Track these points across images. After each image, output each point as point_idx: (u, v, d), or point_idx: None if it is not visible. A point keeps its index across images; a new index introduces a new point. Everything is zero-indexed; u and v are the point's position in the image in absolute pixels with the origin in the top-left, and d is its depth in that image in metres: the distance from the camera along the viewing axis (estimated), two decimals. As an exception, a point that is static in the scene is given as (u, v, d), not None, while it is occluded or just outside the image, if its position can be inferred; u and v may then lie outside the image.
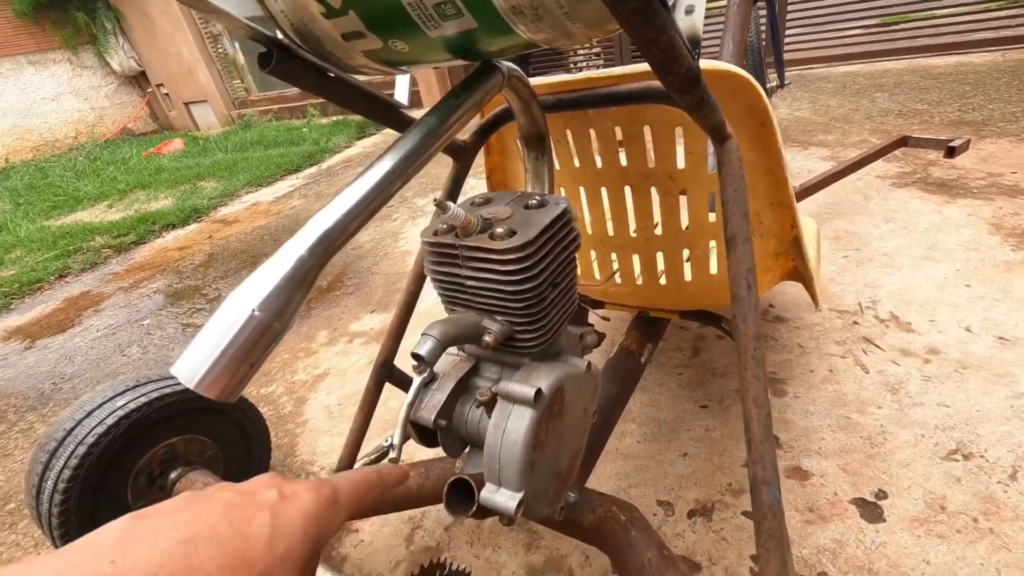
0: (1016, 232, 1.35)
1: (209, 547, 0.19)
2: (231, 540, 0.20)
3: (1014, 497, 0.75)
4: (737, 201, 0.50)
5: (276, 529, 0.22)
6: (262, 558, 0.20)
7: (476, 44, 0.44)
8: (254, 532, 0.21)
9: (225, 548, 0.20)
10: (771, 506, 0.45)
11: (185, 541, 0.19)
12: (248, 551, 0.20)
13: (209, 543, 0.20)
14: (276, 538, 0.22)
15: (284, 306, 0.37)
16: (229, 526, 0.21)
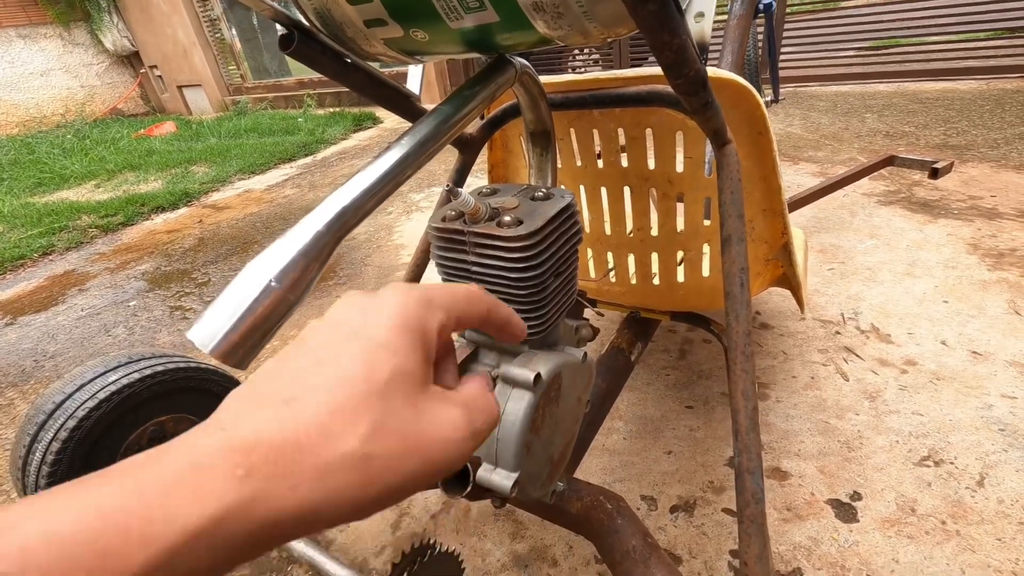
0: (992, 253, 1.40)
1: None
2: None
3: (980, 502, 0.78)
4: (734, 203, 0.53)
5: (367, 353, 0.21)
6: (370, 402, 0.20)
7: (493, 38, 0.46)
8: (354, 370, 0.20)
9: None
10: (754, 494, 0.47)
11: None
12: (355, 396, 0.20)
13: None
14: (378, 369, 0.20)
15: (299, 278, 0.38)
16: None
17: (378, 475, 0.19)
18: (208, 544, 0.15)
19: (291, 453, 0.17)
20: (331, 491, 0.18)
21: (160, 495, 0.15)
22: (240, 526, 0.16)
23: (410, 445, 0.20)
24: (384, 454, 0.19)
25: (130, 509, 0.15)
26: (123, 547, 0.14)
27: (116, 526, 0.14)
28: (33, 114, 6.60)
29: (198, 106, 6.88)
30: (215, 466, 0.16)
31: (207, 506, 0.16)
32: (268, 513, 0.16)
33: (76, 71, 6.91)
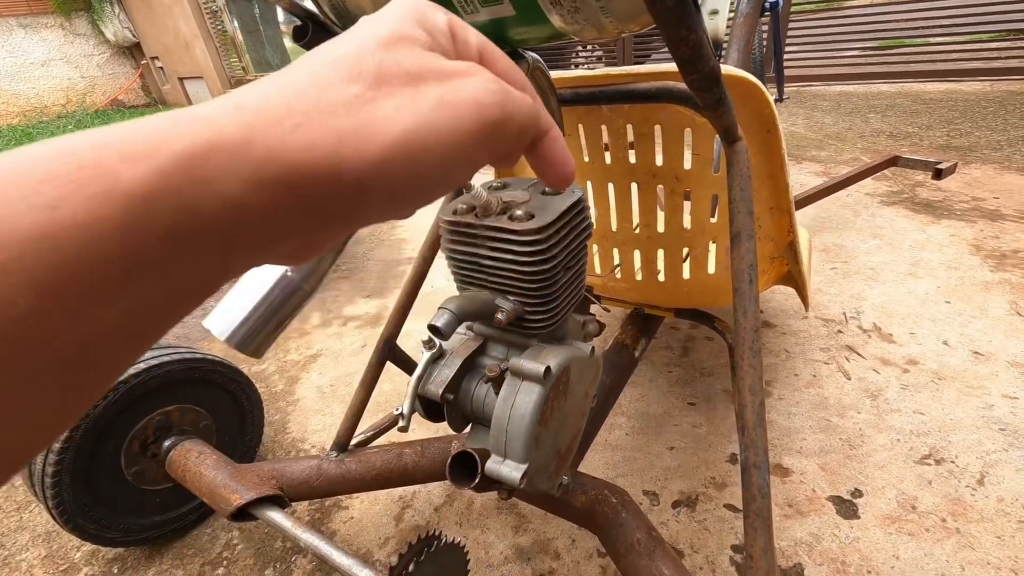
0: (995, 254, 1.41)
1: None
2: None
3: (981, 500, 0.79)
4: (743, 200, 0.53)
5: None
6: (366, 52, 0.17)
7: (507, 31, 0.46)
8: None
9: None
10: (760, 488, 0.48)
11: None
12: (348, 54, 0.17)
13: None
14: (373, 33, 0.18)
15: (314, 269, 0.38)
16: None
17: (391, 118, 0.16)
18: (204, 174, 0.13)
19: (288, 97, 0.16)
20: (343, 134, 0.15)
21: (140, 128, 0.14)
22: (239, 162, 0.14)
23: (426, 89, 0.17)
24: (395, 98, 0.16)
25: (109, 135, 0.13)
26: (105, 162, 0.12)
27: (96, 144, 0.13)
28: (34, 104, 6.58)
29: (199, 98, 6.86)
30: (204, 107, 0.15)
31: (195, 132, 0.14)
32: (269, 151, 0.14)
33: (77, 62, 6.88)
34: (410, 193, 0.17)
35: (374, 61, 0.17)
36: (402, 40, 0.18)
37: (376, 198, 0.16)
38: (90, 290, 0.12)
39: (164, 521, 0.88)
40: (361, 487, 0.78)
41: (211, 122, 0.14)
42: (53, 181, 0.12)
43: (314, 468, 0.77)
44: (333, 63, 0.17)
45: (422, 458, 0.76)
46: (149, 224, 0.13)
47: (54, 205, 0.11)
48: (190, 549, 0.89)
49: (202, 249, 0.14)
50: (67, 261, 0.12)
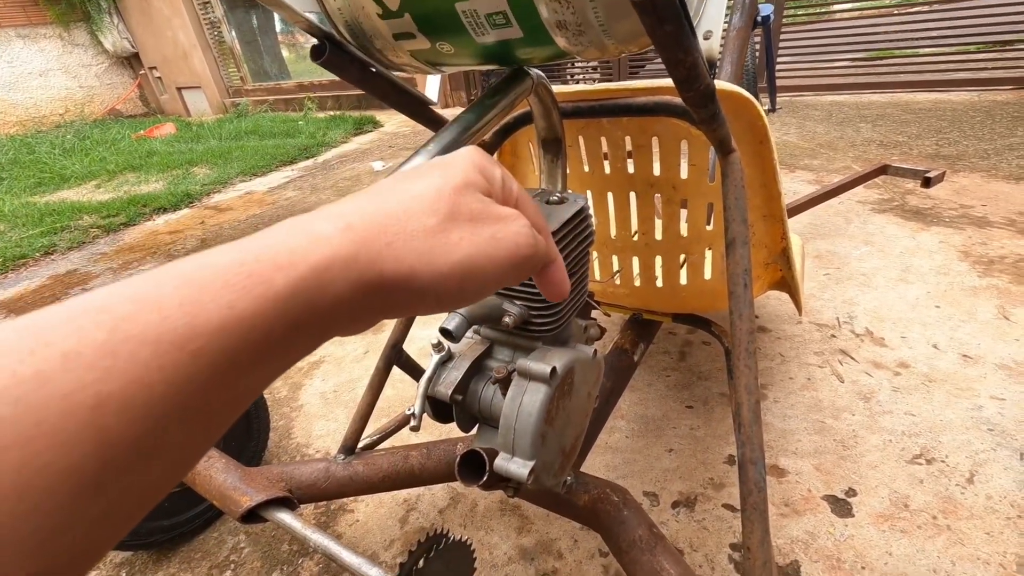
0: (983, 260, 1.44)
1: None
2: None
3: (970, 498, 0.82)
4: (738, 208, 0.56)
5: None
6: (442, 195, 0.23)
7: (513, 51, 0.49)
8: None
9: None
10: (756, 483, 0.50)
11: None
12: (429, 192, 0.23)
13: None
14: (447, 176, 0.24)
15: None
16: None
17: (456, 245, 0.22)
18: (327, 279, 0.18)
19: (383, 220, 0.21)
20: (421, 253, 0.21)
21: (282, 242, 0.18)
22: (350, 270, 0.19)
23: (482, 227, 0.23)
24: (460, 230, 0.22)
25: (262, 247, 0.18)
26: (264, 271, 0.17)
27: (256, 256, 0.17)
28: (32, 114, 6.60)
29: (197, 108, 6.90)
30: (321, 224, 0.20)
31: (322, 248, 0.19)
32: (370, 263, 0.19)
33: (75, 72, 6.92)
34: (454, 301, 0.23)
35: (448, 202, 0.23)
36: (468, 186, 0.24)
37: (431, 300, 0.22)
38: (245, 366, 0.17)
39: (171, 525, 0.90)
40: (368, 489, 0.80)
41: (330, 241, 0.19)
42: (230, 287, 0.16)
43: (322, 470, 0.79)
44: (418, 197, 0.23)
45: (428, 460, 0.78)
46: (286, 317, 0.17)
47: (231, 305, 0.16)
48: (197, 553, 0.91)
49: (311, 334, 0.19)
50: (236, 345, 0.16)
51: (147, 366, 0.14)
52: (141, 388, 0.14)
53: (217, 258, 0.17)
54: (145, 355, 0.14)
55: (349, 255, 0.19)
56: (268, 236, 0.19)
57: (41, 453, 0.12)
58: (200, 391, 0.15)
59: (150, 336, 0.14)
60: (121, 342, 0.14)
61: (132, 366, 0.14)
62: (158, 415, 0.14)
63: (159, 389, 0.14)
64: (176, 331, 0.15)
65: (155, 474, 0.15)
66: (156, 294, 0.15)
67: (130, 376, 0.14)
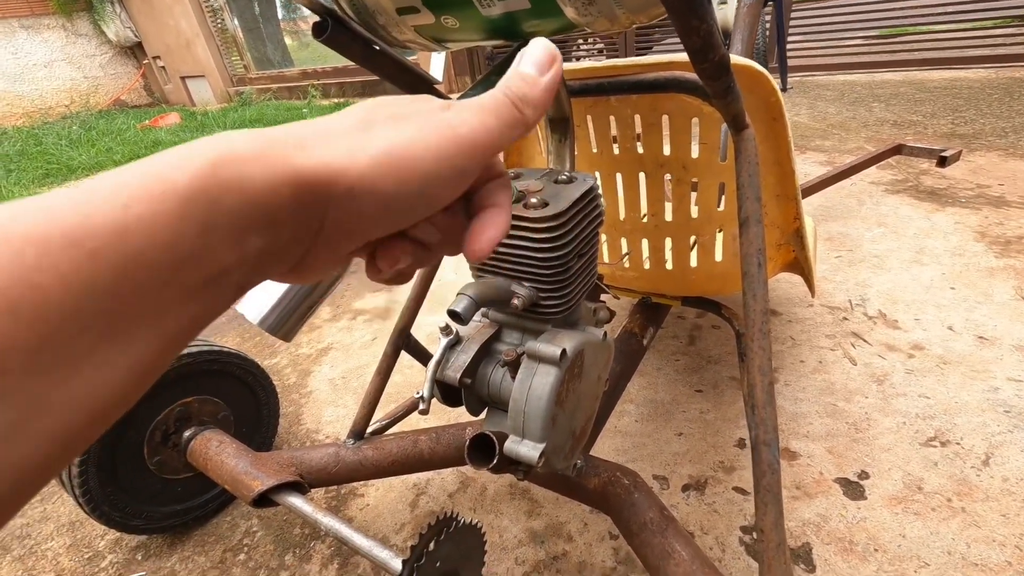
0: (999, 240, 1.41)
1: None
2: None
3: (986, 481, 0.81)
4: (752, 186, 0.54)
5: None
6: (366, 104, 0.22)
7: (520, 24, 0.47)
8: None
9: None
10: (770, 464, 0.50)
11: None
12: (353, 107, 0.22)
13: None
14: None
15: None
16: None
17: (376, 136, 0.20)
18: (230, 173, 0.17)
19: (294, 130, 0.19)
20: (338, 149, 0.19)
21: (182, 148, 0.17)
22: (255, 164, 0.17)
23: (409, 118, 0.21)
24: (382, 126, 0.20)
25: (162, 156, 0.17)
26: (160, 171, 0.16)
27: (153, 162, 0.16)
28: (38, 105, 6.61)
29: (201, 97, 6.88)
30: (229, 133, 0.18)
31: (223, 146, 0.17)
32: (281, 158, 0.18)
33: (79, 62, 6.90)
34: (399, 201, 0.20)
35: (366, 108, 0.21)
36: (398, 99, 0.23)
37: (368, 204, 0.19)
38: (157, 273, 0.15)
39: (185, 510, 0.91)
40: (378, 473, 0.80)
41: (231, 141, 0.18)
42: (123, 188, 0.15)
43: (332, 455, 0.79)
44: (338, 115, 0.21)
45: (437, 444, 0.78)
46: (193, 218, 0.16)
47: (127, 204, 0.15)
48: (211, 536, 0.92)
49: (224, 242, 0.17)
50: (140, 247, 0.15)
51: (36, 266, 0.13)
52: (30, 289, 0.13)
53: (111, 171, 0.16)
54: (31, 254, 0.13)
55: (253, 151, 0.17)
56: (171, 149, 0.17)
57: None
58: (110, 297, 0.14)
59: (36, 235, 0.13)
60: (1, 240, 0.13)
61: (17, 264, 0.13)
62: (59, 321, 0.13)
63: (56, 293, 0.13)
64: (65, 229, 0.14)
65: (78, 390, 0.14)
66: (44, 200, 0.14)
67: (15, 275, 0.13)
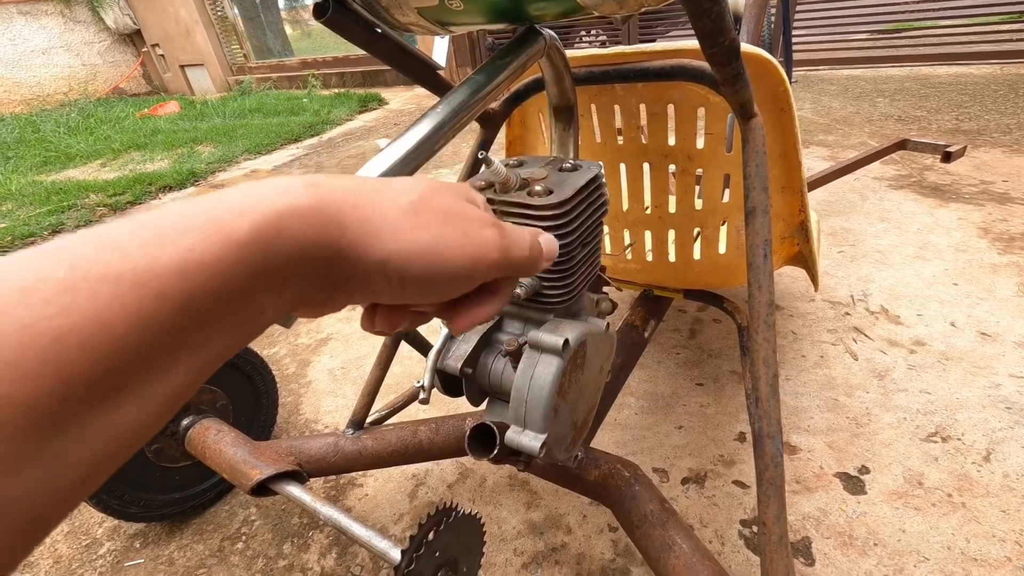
0: (1003, 237, 1.41)
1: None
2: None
3: (986, 476, 0.80)
4: (759, 176, 0.53)
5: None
6: (422, 183, 0.24)
7: (525, 7, 0.47)
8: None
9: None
10: (773, 457, 0.49)
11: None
12: (408, 181, 0.25)
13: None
14: (430, 179, 0.26)
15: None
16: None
17: (425, 227, 0.22)
18: (286, 225, 0.18)
19: (353, 188, 0.21)
20: (388, 224, 0.21)
21: (244, 192, 0.18)
22: (310, 219, 0.19)
23: (454, 222, 0.23)
24: (432, 216, 0.23)
25: (224, 197, 0.18)
26: (225, 217, 0.17)
27: (216, 204, 0.18)
28: (36, 92, 6.56)
29: (201, 86, 6.83)
30: (286, 179, 0.20)
31: (284, 197, 0.19)
32: (333, 217, 0.19)
33: (78, 49, 6.85)
34: (415, 286, 0.22)
35: (424, 191, 0.24)
36: (448, 189, 0.25)
37: (394, 282, 0.21)
38: (211, 312, 0.17)
39: (183, 498, 0.90)
40: (377, 463, 0.80)
41: (292, 192, 0.19)
42: (189, 232, 0.16)
43: (331, 445, 0.79)
44: (394, 183, 0.24)
45: (437, 435, 0.77)
46: (247, 264, 0.17)
47: (191, 248, 0.16)
48: (209, 525, 0.92)
49: (271, 288, 0.18)
50: (198, 288, 0.16)
51: (108, 304, 0.14)
52: (101, 326, 0.14)
53: (179, 207, 0.17)
54: (105, 292, 0.14)
55: (311, 206, 0.19)
56: (232, 189, 0.19)
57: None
58: (165, 334, 0.15)
59: (110, 274, 0.14)
60: (80, 279, 0.14)
61: (92, 303, 0.14)
62: (121, 354, 0.14)
63: (121, 328, 0.14)
64: (136, 271, 0.15)
65: (121, 418, 0.15)
66: (116, 236, 0.15)
67: (90, 312, 0.14)
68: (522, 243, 0.26)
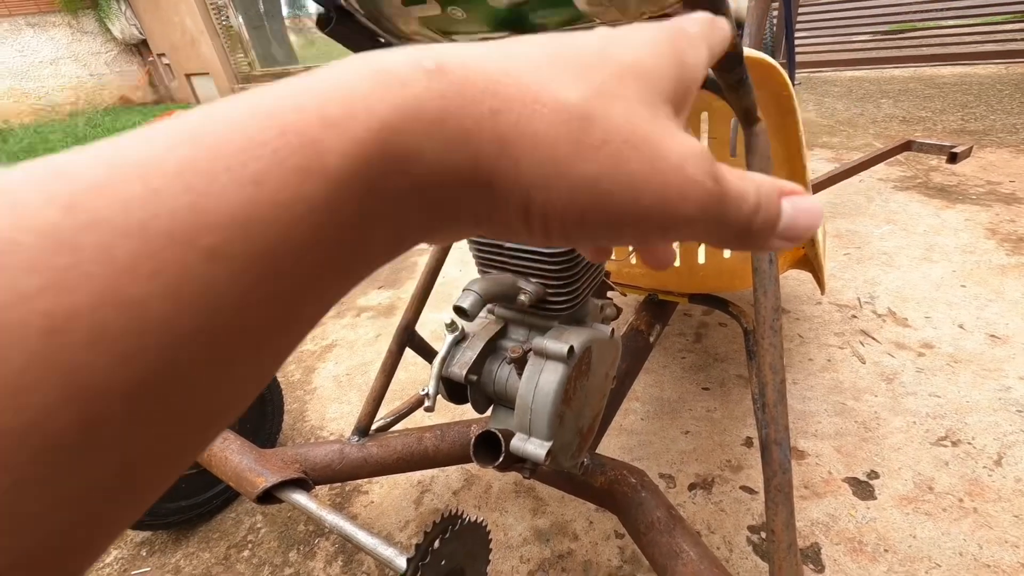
0: (1011, 238, 1.40)
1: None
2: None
3: (998, 480, 0.79)
4: (763, 180, 0.53)
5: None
6: (599, 64, 0.14)
7: (527, 16, 0.47)
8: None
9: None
10: (781, 464, 0.49)
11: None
12: (580, 56, 0.15)
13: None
14: (614, 50, 0.15)
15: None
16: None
17: (598, 149, 0.13)
18: (400, 149, 0.12)
19: (497, 74, 0.13)
20: (539, 138, 0.13)
21: (335, 84, 0.12)
22: (432, 138, 0.12)
23: (642, 143, 0.14)
24: (604, 131, 0.13)
25: (304, 91, 0.11)
26: (307, 127, 0.11)
27: (294, 104, 0.11)
28: (44, 103, 6.64)
29: (207, 94, 6.89)
30: (398, 60, 0.13)
31: (395, 96, 0.12)
32: (462, 133, 0.12)
33: (85, 60, 6.92)
34: (571, 234, 0.14)
35: (609, 74, 0.14)
36: (650, 74, 0.15)
37: (535, 217, 0.14)
38: (285, 276, 0.11)
39: (190, 506, 0.91)
40: (382, 470, 0.79)
41: (406, 86, 0.12)
42: (254, 151, 0.10)
43: (336, 452, 0.79)
44: (562, 52, 0.14)
45: (442, 442, 0.77)
46: (344, 207, 0.11)
47: (258, 180, 0.10)
48: (215, 533, 0.92)
49: (375, 235, 0.12)
50: (271, 248, 0.10)
51: (132, 271, 0.09)
52: (125, 306, 0.09)
53: (236, 107, 0.11)
54: (126, 251, 0.09)
55: (436, 114, 0.12)
56: (315, 75, 0.12)
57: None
58: (229, 316, 0.10)
59: (133, 222, 0.09)
60: (85, 227, 0.09)
61: (106, 269, 0.09)
62: (164, 348, 0.09)
63: (158, 309, 0.09)
64: (175, 215, 0.09)
65: (164, 447, 0.10)
66: (142, 155, 0.10)
67: (103, 284, 0.08)
68: (745, 201, 0.15)
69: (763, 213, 0.16)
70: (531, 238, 0.15)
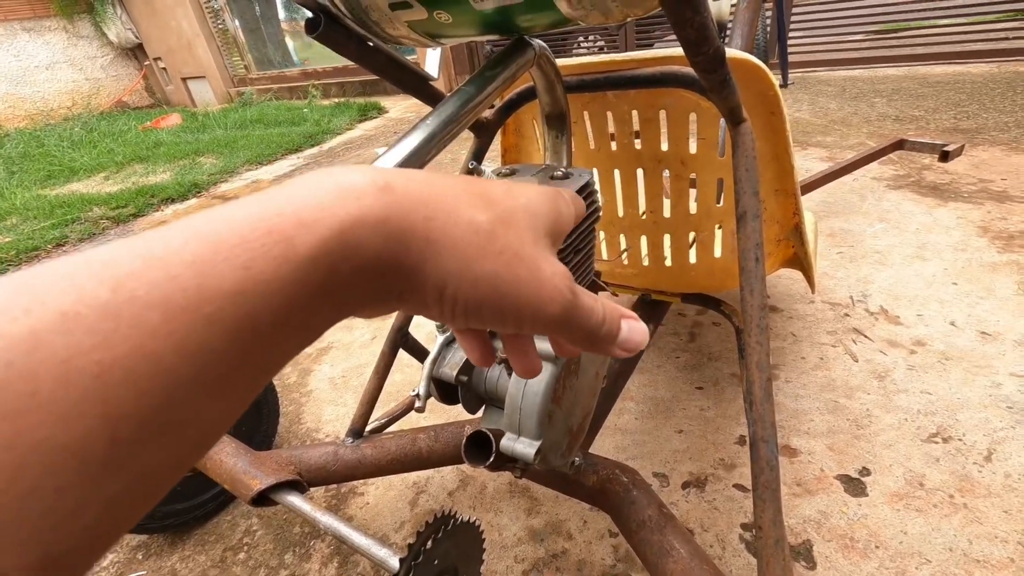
0: (1002, 235, 1.41)
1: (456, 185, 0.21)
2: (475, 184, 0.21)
3: (988, 477, 0.80)
4: (749, 180, 0.54)
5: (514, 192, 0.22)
6: (502, 200, 0.21)
7: (514, 19, 0.47)
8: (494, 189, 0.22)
9: (472, 186, 0.21)
10: (768, 461, 0.49)
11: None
12: (489, 193, 0.21)
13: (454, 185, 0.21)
14: (514, 193, 0.22)
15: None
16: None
17: (497, 256, 0.19)
18: (352, 242, 0.16)
19: (428, 194, 0.18)
20: (459, 244, 0.18)
21: (307, 195, 0.16)
22: (376, 234, 0.17)
23: (527, 258, 0.20)
24: (502, 244, 0.19)
25: (284, 201, 0.16)
26: (285, 228, 0.15)
27: (277, 210, 0.15)
28: (40, 107, 6.63)
29: (203, 98, 6.89)
30: (354, 176, 0.17)
31: (351, 205, 0.16)
32: (401, 231, 0.17)
33: (81, 64, 6.92)
34: (466, 315, 0.19)
35: (507, 209, 0.20)
36: (534, 212, 0.21)
37: (447, 302, 0.19)
38: (267, 336, 0.15)
39: (185, 509, 0.91)
40: (377, 472, 0.80)
41: (362, 199, 0.17)
42: (245, 245, 0.14)
43: (331, 454, 0.79)
44: (473, 192, 0.20)
45: (436, 443, 0.78)
46: (308, 282, 0.15)
47: (247, 266, 0.14)
48: (211, 536, 0.92)
49: (331, 305, 0.17)
50: (254, 311, 0.14)
51: (154, 333, 0.13)
52: (148, 357, 0.12)
53: (234, 212, 0.15)
54: (152, 319, 0.13)
55: (381, 217, 0.17)
56: (292, 187, 0.17)
57: (36, 426, 0.11)
58: (216, 363, 0.14)
59: (157, 297, 0.13)
60: (125, 302, 0.12)
61: (137, 331, 0.12)
62: (170, 387, 0.13)
63: (169, 359, 0.13)
64: (187, 292, 0.13)
65: (172, 453, 0.14)
66: (164, 250, 0.14)
67: (135, 342, 0.12)
68: (593, 315, 0.22)
69: (607, 326, 0.23)
70: (441, 316, 0.20)
